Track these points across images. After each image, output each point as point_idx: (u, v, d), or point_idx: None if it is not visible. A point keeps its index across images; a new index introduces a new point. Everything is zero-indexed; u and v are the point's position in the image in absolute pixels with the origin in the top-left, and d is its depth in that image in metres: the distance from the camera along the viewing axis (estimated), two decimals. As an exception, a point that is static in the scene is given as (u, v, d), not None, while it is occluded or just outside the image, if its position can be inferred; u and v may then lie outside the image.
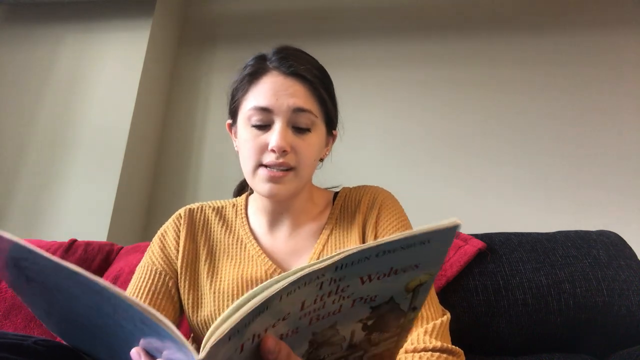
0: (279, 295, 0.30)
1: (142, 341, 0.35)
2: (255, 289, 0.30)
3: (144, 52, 1.85)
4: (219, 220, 0.74)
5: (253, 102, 0.64)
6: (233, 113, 0.71)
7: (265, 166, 0.63)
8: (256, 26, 2.11)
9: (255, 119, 0.63)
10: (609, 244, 0.89)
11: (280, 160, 0.62)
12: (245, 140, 0.65)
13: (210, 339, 0.28)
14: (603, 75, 1.75)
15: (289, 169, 0.63)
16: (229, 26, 2.14)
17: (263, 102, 0.63)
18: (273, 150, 0.62)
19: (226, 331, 0.28)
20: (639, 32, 1.76)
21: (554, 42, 1.82)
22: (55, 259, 0.32)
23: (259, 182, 0.64)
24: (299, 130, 0.64)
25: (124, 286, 0.96)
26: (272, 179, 0.63)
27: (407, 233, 0.30)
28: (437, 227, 0.30)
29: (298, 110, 0.63)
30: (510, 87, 1.81)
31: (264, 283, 0.30)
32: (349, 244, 0.68)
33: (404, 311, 0.38)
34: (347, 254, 0.30)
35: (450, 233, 0.32)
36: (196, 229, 0.73)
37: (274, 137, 0.62)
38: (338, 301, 0.35)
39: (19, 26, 1.99)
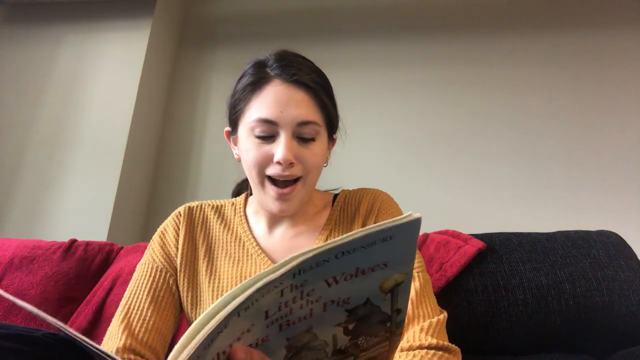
0: (236, 312, 0.28)
1: None
2: (212, 306, 0.28)
3: (144, 52, 1.85)
4: (217, 218, 0.75)
5: (257, 114, 0.63)
6: (234, 122, 0.69)
7: (270, 178, 0.64)
8: (256, 26, 2.11)
9: (259, 130, 0.63)
10: (609, 244, 0.89)
11: (286, 172, 0.62)
12: (247, 150, 0.64)
13: None
14: (603, 75, 1.74)
15: (296, 179, 0.64)
16: (229, 26, 2.14)
17: (267, 114, 0.62)
18: (279, 162, 0.61)
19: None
20: (639, 32, 1.76)
21: (553, 42, 1.82)
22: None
23: (269, 200, 0.65)
24: (304, 140, 0.64)
25: (124, 286, 0.96)
26: (281, 197, 0.64)
27: (363, 231, 0.28)
28: (396, 223, 0.29)
29: (303, 123, 0.62)
30: (510, 87, 1.81)
31: (219, 300, 0.28)
32: None
33: (387, 314, 0.36)
34: (301, 259, 0.28)
35: (411, 228, 0.30)
36: (195, 226, 0.73)
37: (279, 150, 0.61)
38: (307, 305, 0.33)
39: (19, 26, 1.99)
